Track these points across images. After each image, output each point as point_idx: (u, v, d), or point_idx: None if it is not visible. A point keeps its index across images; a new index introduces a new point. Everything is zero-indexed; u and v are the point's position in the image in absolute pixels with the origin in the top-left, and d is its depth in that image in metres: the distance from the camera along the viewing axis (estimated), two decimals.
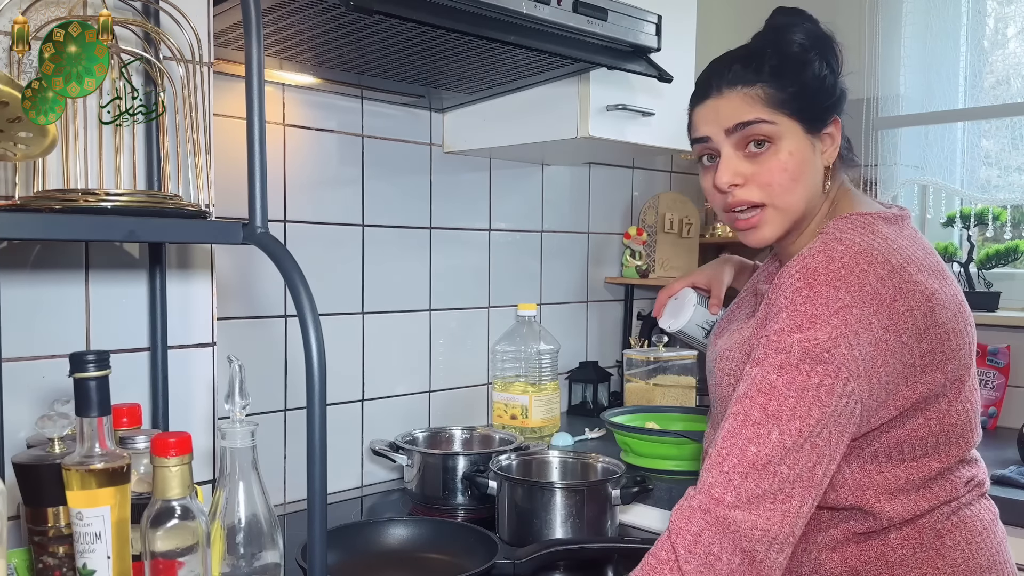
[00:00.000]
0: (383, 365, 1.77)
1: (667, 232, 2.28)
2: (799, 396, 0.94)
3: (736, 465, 0.94)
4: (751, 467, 0.93)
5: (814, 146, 1.07)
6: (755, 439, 0.94)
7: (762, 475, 0.93)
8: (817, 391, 0.93)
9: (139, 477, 0.89)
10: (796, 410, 0.93)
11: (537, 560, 1.19)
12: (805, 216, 1.10)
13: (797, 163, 1.06)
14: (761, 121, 1.05)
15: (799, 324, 0.95)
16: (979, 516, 1.06)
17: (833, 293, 0.95)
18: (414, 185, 1.82)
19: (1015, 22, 2.22)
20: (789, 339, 0.95)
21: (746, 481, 0.93)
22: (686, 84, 1.80)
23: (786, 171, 1.05)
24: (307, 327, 0.76)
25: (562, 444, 1.75)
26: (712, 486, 0.94)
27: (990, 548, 1.05)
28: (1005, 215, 2.23)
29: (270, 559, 0.88)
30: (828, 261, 0.98)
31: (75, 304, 1.03)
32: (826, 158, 1.09)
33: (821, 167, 1.09)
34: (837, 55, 1.10)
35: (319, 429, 0.76)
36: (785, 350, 0.95)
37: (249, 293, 1.56)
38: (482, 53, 1.38)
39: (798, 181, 1.06)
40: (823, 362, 0.93)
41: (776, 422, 0.93)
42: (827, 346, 0.94)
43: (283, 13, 1.19)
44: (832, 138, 1.09)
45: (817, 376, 0.93)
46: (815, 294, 0.96)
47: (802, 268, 0.99)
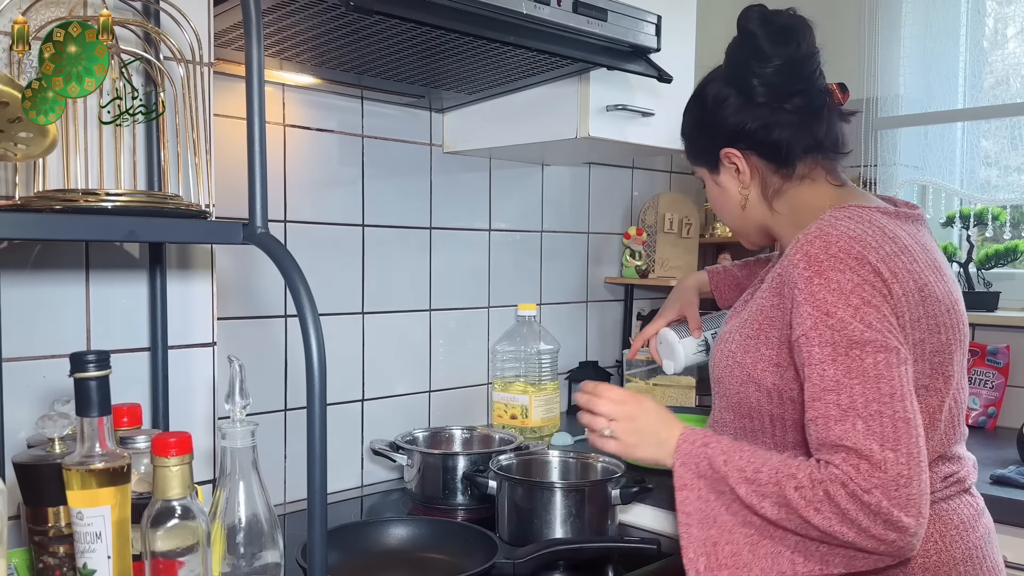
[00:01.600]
0: (383, 365, 1.77)
1: (667, 232, 2.29)
2: (863, 381, 0.98)
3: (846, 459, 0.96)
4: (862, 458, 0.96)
5: (720, 181, 1.23)
6: (848, 433, 0.97)
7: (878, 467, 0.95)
8: (877, 369, 0.98)
9: (139, 477, 0.89)
10: (867, 395, 0.97)
11: (537, 560, 1.19)
12: (761, 226, 1.23)
13: (714, 198, 1.27)
14: (692, 172, 1.31)
15: (827, 312, 1.00)
16: (956, 511, 1.09)
17: (841, 276, 1.00)
18: (414, 185, 1.82)
19: (1015, 22, 2.22)
20: (825, 331, 1.00)
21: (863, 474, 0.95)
22: (686, 84, 1.81)
23: (712, 204, 1.29)
24: (307, 327, 0.76)
25: (562, 444, 1.75)
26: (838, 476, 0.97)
27: (966, 542, 1.08)
28: (1004, 215, 2.23)
29: (270, 559, 0.88)
30: (826, 247, 1.02)
31: (75, 304, 1.03)
32: (740, 181, 1.20)
33: (735, 192, 1.21)
34: (703, 100, 1.21)
35: (319, 429, 0.76)
36: (829, 342, 0.99)
37: (249, 293, 1.56)
38: (482, 53, 1.39)
39: (722, 211, 1.27)
40: (866, 342, 0.98)
41: (856, 413, 0.97)
42: (859, 327, 0.98)
43: (283, 13, 1.19)
44: (737, 166, 1.19)
45: (870, 356, 0.98)
46: (827, 280, 1.01)
47: (804, 256, 1.03)
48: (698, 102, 1.23)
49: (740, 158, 1.17)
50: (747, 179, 1.19)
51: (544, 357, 1.87)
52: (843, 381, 0.98)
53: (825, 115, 1.15)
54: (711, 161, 1.22)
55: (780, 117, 1.14)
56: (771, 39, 1.13)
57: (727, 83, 1.18)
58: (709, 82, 1.22)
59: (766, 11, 1.14)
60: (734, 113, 1.16)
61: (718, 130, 1.18)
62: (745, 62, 1.15)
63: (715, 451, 1.07)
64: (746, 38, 1.15)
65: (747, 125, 1.15)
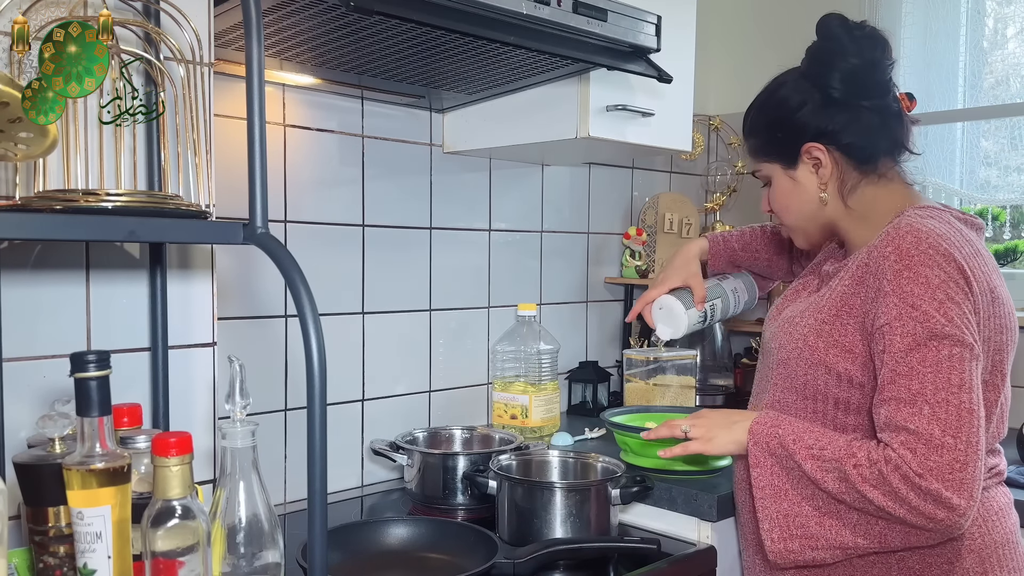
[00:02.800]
0: (383, 365, 1.77)
1: (667, 232, 2.29)
2: (936, 372, 1.05)
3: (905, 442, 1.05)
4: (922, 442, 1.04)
5: (796, 176, 1.26)
6: (913, 417, 1.05)
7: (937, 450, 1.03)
8: (950, 362, 1.05)
9: (140, 477, 0.89)
10: (939, 384, 1.05)
11: (537, 560, 1.19)
12: (830, 225, 1.27)
13: (784, 196, 1.29)
14: (754, 171, 1.33)
15: (912, 304, 1.07)
16: (996, 499, 1.18)
17: (931, 272, 1.07)
18: (414, 185, 1.82)
19: (1014, 22, 2.22)
20: (909, 322, 1.07)
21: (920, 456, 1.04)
22: (686, 84, 1.81)
23: (777, 202, 1.30)
24: (307, 327, 0.76)
25: (562, 444, 1.75)
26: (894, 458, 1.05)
27: (1004, 528, 1.16)
28: (1004, 215, 2.23)
29: (270, 559, 0.88)
30: (917, 242, 1.09)
31: (76, 304, 1.03)
32: (820, 177, 1.23)
33: (813, 188, 1.25)
34: (820, 83, 1.22)
35: (319, 429, 0.76)
36: (911, 333, 1.07)
37: (249, 293, 1.56)
38: (482, 53, 1.39)
39: (788, 209, 1.29)
40: (946, 336, 1.06)
41: (925, 399, 1.05)
42: (942, 321, 1.06)
43: (283, 13, 1.19)
44: (820, 160, 1.22)
45: (946, 349, 1.05)
46: (916, 275, 1.08)
47: (895, 250, 1.10)
48: (775, 99, 1.26)
49: (824, 152, 1.22)
50: (827, 174, 1.23)
51: (544, 357, 1.87)
52: (917, 369, 1.06)
53: (904, 118, 1.22)
54: (789, 156, 1.25)
55: (863, 116, 1.20)
56: (856, 43, 1.19)
57: (808, 82, 1.23)
58: (785, 82, 1.26)
59: (846, 19, 1.22)
60: (818, 109, 1.21)
61: (802, 126, 1.22)
62: (830, 61, 1.20)
63: (786, 431, 1.15)
64: (829, 40, 1.21)
65: (832, 121, 1.20)
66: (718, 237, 1.60)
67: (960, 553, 1.13)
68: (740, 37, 2.55)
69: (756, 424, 1.19)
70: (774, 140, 1.27)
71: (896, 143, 1.23)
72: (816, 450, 1.11)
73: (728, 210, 2.56)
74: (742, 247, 1.59)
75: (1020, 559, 1.18)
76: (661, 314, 1.52)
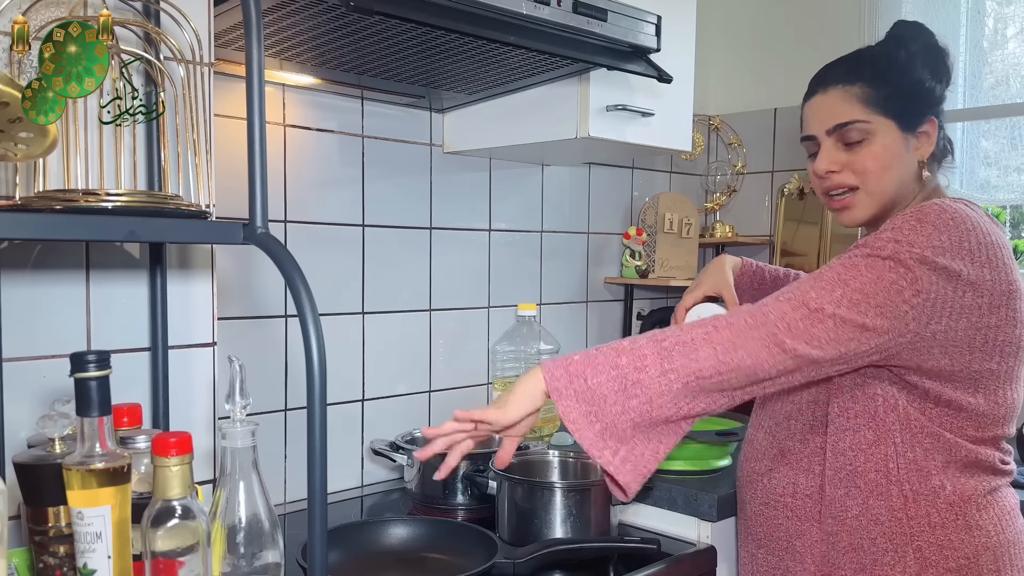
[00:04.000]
0: (383, 365, 1.77)
1: (667, 232, 2.29)
2: (874, 280, 1.04)
3: (790, 298, 1.05)
4: (804, 305, 1.04)
5: (907, 142, 1.20)
6: (817, 289, 1.05)
7: (813, 317, 1.03)
8: (891, 284, 1.04)
9: (140, 477, 0.89)
10: (864, 287, 1.04)
11: (537, 560, 1.19)
12: (894, 203, 1.22)
13: (889, 155, 1.19)
14: (856, 122, 1.19)
15: (895, 238, 1.07)
16: (1007, 499, 1.19)
17: (935, 233, 1.06)
18: (414, 185, 1.82)
19: (1014, 22, 2.22)
20: (882, 243, 1.07)
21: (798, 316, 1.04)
22: (686, 84, 1.81)
23: (878, 160, 1.19)
24: (307, 327, 0.76)
25: (562, 444, 1.75)
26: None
27: (1015, 528, 1.17)
28: (1004, 215, 2.23)
29: (270, 559, 0.88)
30: (941, 212, 1.09)
31: (75, 304, 1.03)
32: (920, 153, 1.21)
33: (914, 161, 1.21)
34: (944, 66, 1.23)
35: (319, 429, 0.76)
36: (878, 248, 1.07)
37: (249, 293, 1.56)
38: (482, 53, 1.39)
39: (889, 169, 1.20)
40: (907, 267, 1.04)
41: (843, 286, 1.05)
42: (916, 257, 1.04)
43: (283, 13, 1.19)
44: (928, 136, 1.21)
45: (895, 273, 1.04)
46: (920, 226, 1.07)
47: (916, 211, 1.10)
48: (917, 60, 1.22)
49: (936, 129, 1.22)
50: (927, 152, 1.22)
51: (544, 357, 1.87)
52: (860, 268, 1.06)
53: None
54: (912, 120, 1.20)
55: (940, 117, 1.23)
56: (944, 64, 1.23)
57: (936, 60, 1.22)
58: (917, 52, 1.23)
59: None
60: (942, 91, 1.23)
61: (933, 98, 1.22)
62: (941, 54, 1.23)
63: (579, 358, 1.06)
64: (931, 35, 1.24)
65: (943, 108, 1.23)
66: (752, 263, 1.55)
67: (976, 548, 1.13)
68: (740, 37, 2.55)
69: (545, 364, 1.08)
70: (903, 97, 1.20)
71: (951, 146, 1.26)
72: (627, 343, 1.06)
73: (728, 210, 2.56)
74: (772, 280, 1.53)
75: None
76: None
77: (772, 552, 1.24)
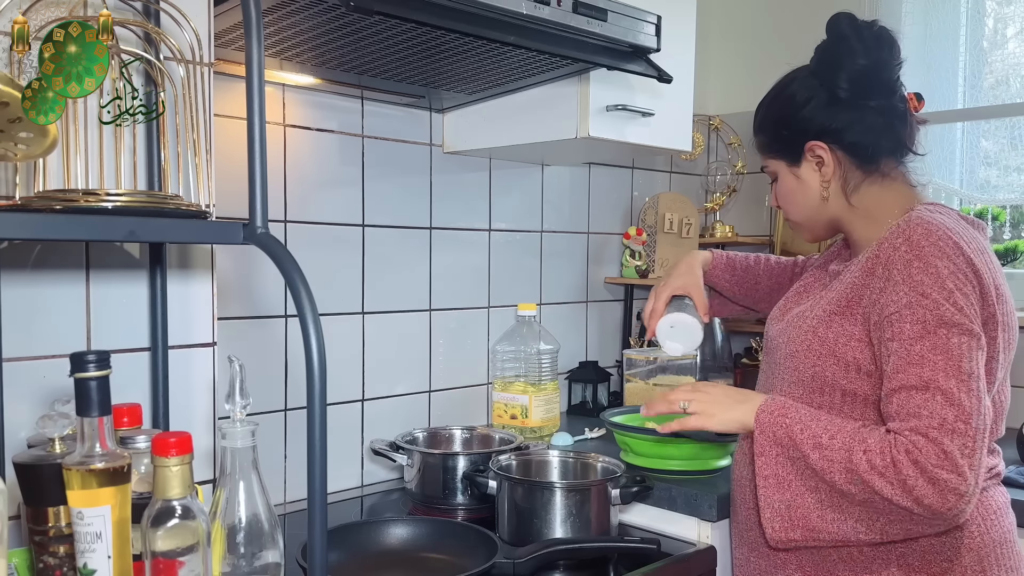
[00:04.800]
0: (383, 365, 1.77)
1: (667, 232, 2.29)
2: (947, 359, 1.06)
3: (917, 428, 1.05)
4: (934, 429, 1.04)
5: (797, 174, 1.27)
6: (926, 403, 1.06)
7: (949, 436, 1.04)
8: (960, 350, 1.07)
9: (140, 477, 0.89)
10: (949, 371, 1.06)
11: (537, 560, 1.19)
12: (836, 220, 1.27)
13: (787, 191, 1.30)
14: (763, 167, 1.34)
15: (922, 293, 1.09)
16: (994, 498, 1.19)
17: (941, 263, 1.09)
18: (414, 185, 1.82)
19: (1014, 22, 2.22)
20: (919, 310, 1.08)
21: (933, 444, 1.04)
22: (686, 84, 1.81)
23: (781, 196, 1.32)
24: (307, 327, 0.76)
25: (562, 444, 1.75)
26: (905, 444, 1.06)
27: (1002, 527, 1.17)
28: (1004, 215, 2.23)
29: (270, 558, 0.88)
30: (928, 234, 1.11)
31: (75, 304, 1.03)
32: (823, 175, 1.24)
33: (815, 186, 1.26)
34: (791, 95, 1.26)
35: (319, 429, 0.76)
36: (920, 320, 1.08)
37: (249, 293, 1.56)
38: (482, 53, 1.39)
39: (792, 204, 1.30)
40: (955, 324, 1.07)
41: (937, 387, 1.06)
42: (952, 309, 1.07)
43: (283, 13, 1.19)
44: (821, 158, 1.24)
45: (955, 337, 1.07)
46: (926, 264, 1.09)
47: (906, 241, 1.12)
48: (783, 97, 1.28)
49: (826, 151, 1.23)
50: (829, 172, 1.24)
51: (544, 357, 1.87)
52: (928, 356, 1.07)
53: (908, 119, 1.23)
54: (793, 154, 1.27)
55: (867, 116, 1.21)
56: (864, 42, 1.20)
57: (816, 79, 1.24)
58: (794, 79, 1.27)
59: (856, 19, 1.22)
60: (822, 108, 1.22)
61: (806, 124, 1.24)
62: (837, 60, 1.21)
63: (793, 419, 1.15)
64: (838, 40, 1.22)
65: (836, 120, 1.22)
66: (722, 253, 1.58)
67: (959, 550, 1.13)
68: (740, 37, 2.55)
69: (763, 412, 1.17)
70: (780, 137, 1.28)
71: (899, 143, 1.23)
72: (825, 439, 1.11)
73: (728, 210, 2.56)
74: (744, 269, 1.57)
75: (1017, 558, 1.19)
76: (676, 331, 1.48)
77: (763, 556, 1.25)
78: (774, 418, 1.16)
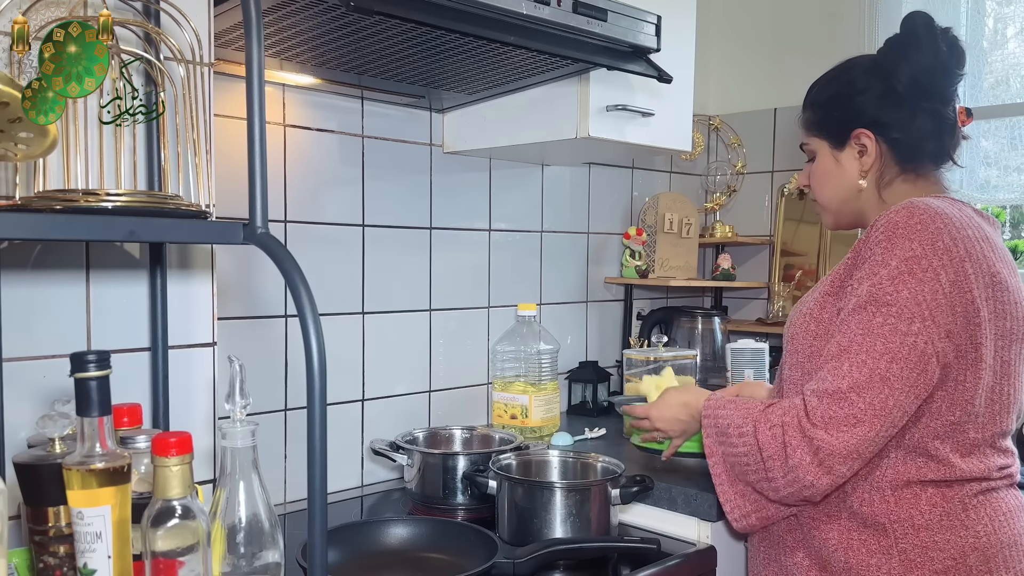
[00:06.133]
0: (383, 365, 1.77)
1: (667, 232, 2.29)
2: (865, 334, 1.09)
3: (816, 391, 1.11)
4: (827, 394, 1.09)
5: (839, 158, 1.28)
6: (832, 370, 1.10)
7: (838, 402, 1.08)
8: (881, 329, 1.08)
9: (140, 477, 0.89)
10: (863, 346, 1.08)
11: (537, 560, 1.19)
12: (862, 211, 1.29)
13: (823, 172, 1.31)
14: (802, 144, 1.35)
15: (873, 271, 1.11)
16: (1006, 500, 1.18)
17: (907, 244, 1.10)
18: (414, 185, 1.82)
19: (1014, 22, 2.22)
20: (862, 286, 1.12)
21: (823, 405, 1.09)
22: (686, 84, 1.81)
23: (816, 176, 1.32)
24: (307, 327, 0.76)
25: (562, 444, 1.75)
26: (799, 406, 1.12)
27: (1012, 529, 1.16)
28: (1004, 215, 2.23)
29: (270, 558, 0.88)
30: (909, 217, 1.12)
31: (75, 304, 1.03)
32: (862, 163, 1.26)
33: (854, 173, 1.27)
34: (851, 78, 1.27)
35: (319, 429, 0.76)
36: (858, 295, 1.12)
37: (249, 293, 1.56)
38: (482, 53, 1.39)
39: (824, 185, 1.31)
40: (885, 304, 1.09)
41: (847, 356, 1.09)
42: (889, 290, 1.09)
43: (283, 13, 1.19)
44: (865, 147, 1.25)
45: (880, 316, 1.08)
46: (892, 245, 1.11)
47: (886, 223, 1.14)
48: (842, 79, 1.28)
49: (872, 140, 1.24)
50: (869, 162, 1.25)
51: (544, 357, 1.87)
52: (851, 328, 1.11)
53: (956, 131, 1.25)
54: (838, 137, 1.27)
55: (918, 117, 1.22)
56: (934, 44, 1.21)
57: (878, 69, 1.25)
58: (856, 65, 1.28)
59: (932, 20, 1.24)
60: (878, 98, 1.23)
61: (859, 110, 1.25)
62: (904, 55, 1.22)
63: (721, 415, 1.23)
64: (910, 35, 1.23)
65: (889, 114, 1.23)
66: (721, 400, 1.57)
67: (964, 549, 1.13)
68: (740, 37, 2.55)
69: (705, 417, 1.26)
70: (829, 117, 1.28)
71: (943, 151, 1.25)
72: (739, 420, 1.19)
73: (728, 210, 2.56)
74: None
75: None
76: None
77: (772, 545, 1.26)
78: (712, 420, 1.24)
